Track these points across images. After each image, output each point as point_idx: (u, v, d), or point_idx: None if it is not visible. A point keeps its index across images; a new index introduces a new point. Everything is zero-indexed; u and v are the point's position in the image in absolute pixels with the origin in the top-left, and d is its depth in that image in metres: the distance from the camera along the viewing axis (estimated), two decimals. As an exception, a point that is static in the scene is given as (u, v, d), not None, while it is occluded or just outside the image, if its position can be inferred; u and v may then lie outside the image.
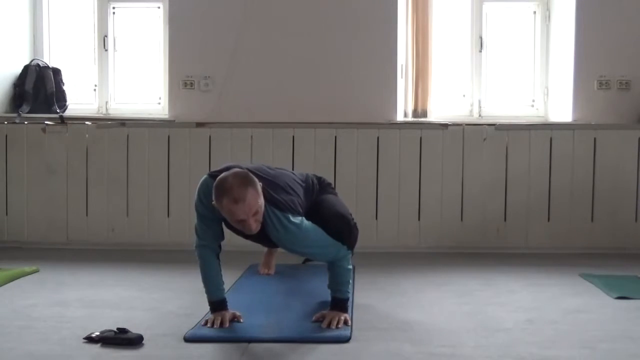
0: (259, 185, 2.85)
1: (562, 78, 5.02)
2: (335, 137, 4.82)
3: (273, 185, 3.00)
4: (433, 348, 2.67)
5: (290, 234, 2.93)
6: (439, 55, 5.17)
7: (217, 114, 4.95)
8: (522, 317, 3.12)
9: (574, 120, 4.91)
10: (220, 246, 3.04)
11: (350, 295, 3.10)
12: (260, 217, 2.84)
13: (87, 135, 4.91)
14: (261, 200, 2.83)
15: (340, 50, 4.97)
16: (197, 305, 3.18)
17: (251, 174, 2.86)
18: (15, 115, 5.03)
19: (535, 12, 5.21)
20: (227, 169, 2.96)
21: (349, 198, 4.05)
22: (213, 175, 2.95)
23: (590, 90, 4.90)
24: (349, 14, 4.96)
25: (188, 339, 2.76)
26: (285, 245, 3.04)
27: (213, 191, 2.81)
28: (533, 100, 5.24)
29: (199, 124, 4.87)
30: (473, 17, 5.21)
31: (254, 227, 2.82)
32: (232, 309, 2.98)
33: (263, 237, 3.02)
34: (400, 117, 5.02)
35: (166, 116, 5.10)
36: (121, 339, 2.70)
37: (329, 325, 2.89)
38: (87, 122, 4.96)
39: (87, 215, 4.89)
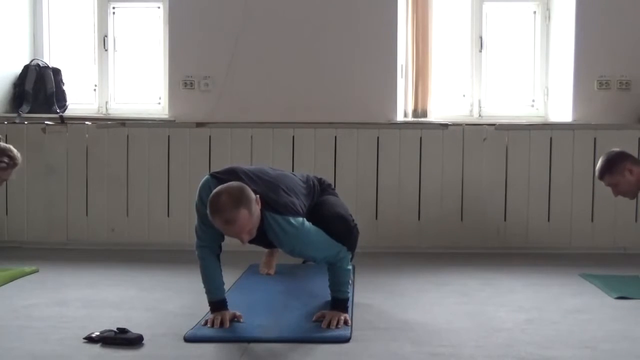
0: (254, 200, 2.79)
1: (562, 78, 5.02)
2: (335, 137, 4.82)
3: (273, 187, 2.99)
4: (433, 348, 2.67)
5: (289, 237, 2.93)
6: (439, 55, 5.17)
7: (217, 114, 4.95)
8: (522, 317, 3.11)
9: (574, 120, 4.91)
10: (220, 247, 3.04)
11: (350, 296, 3.10)
12: (253, 231, 2.83)
13: (87, 135, 4.91)
14: (255, 219, 2.80)
15: (340, 50, 4.97)
16: (197, 305, 3.17)
17: (247, 189, 2.79)
18: (15, 115, 5.03)
19: (535, 12, 5.21)
20: (230, 171, 2.96)
21: (349, 198, 4.05)
22: (215, 176, 2.95)
23: (590, 90, 4.90)
24: (349, 14, 4.96)
25: (188, 339, 2.76)
26: (285, 249, 3.03)
27: (207, 204, 2.78)
28: (533, 100, 5.24)
29: (199, 124, 4.87)
30: (473, 17, 5.21)
31: (246, 239, 2.82)
32: (232, 309, 2.97)
33: (263, 240, 3.02)
34: (400, 117, 5.02)
35: (166, 116, 5.10)
36: (121, 339, 2.70)
37: (328, 325, 2.88)
38: (87, 122, 4.96)
39: (87, 215, 4.89)
